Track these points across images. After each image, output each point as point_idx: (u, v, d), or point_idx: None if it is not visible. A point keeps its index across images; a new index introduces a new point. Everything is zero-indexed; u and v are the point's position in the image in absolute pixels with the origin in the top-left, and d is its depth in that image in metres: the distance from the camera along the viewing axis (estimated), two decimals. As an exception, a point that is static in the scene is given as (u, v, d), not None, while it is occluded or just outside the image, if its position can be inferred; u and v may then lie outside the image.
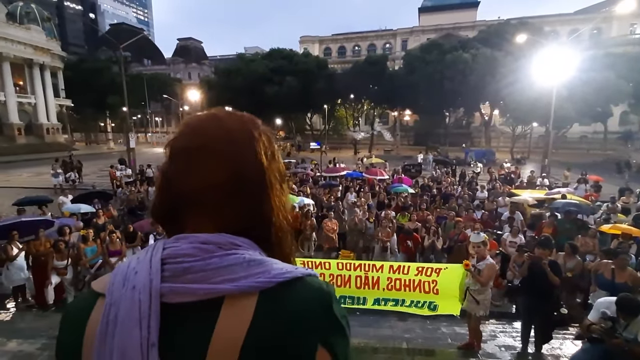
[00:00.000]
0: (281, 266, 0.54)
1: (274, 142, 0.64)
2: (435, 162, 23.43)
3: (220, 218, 0.56)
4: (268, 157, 0.60)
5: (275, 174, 0.61)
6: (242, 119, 0.62)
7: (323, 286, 0.55)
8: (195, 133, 0.59)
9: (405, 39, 59.76)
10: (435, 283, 5.19)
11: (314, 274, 0.57)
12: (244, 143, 0.58)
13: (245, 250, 0.54)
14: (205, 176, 0.55)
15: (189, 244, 0.52)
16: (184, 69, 70.47)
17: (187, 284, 0.49)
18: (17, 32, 40.10)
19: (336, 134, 48.94)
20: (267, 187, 0.58)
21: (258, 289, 0.50)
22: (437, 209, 10.76)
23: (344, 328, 0.54)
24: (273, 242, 0.60)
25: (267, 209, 0.59)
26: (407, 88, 34.85)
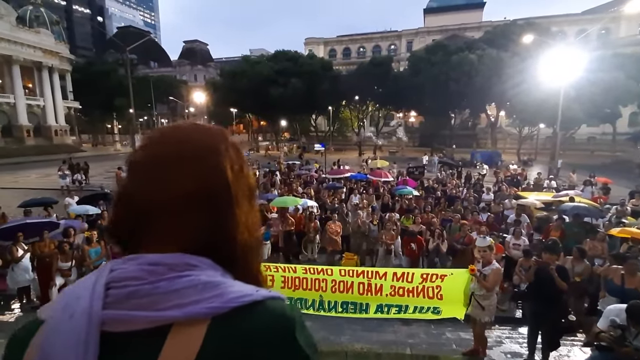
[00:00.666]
0: (240, 289, 0.50)
1: (243, 156, 0.61)
2: (441, 163, 23.26)
3: (179, 236, 0.52)
4: (235, 172, 0.56)
5: (242, 189, 0.57)
6: (208, 131, 0.59)
7: (286, 311, 0.51)
8: (157, 146, 0.55)
9: (410, 40, 59.63)
10: (439, 289, 5.11)
11: (278, 296, 0.53)
12: (208, 157, 0.55)
13: (202, 272, 0.50)
14: (164, 191, 0.51)
15: (137, 265, 0.48)
16: (189, 71, 71.03)
17: (130, 310, 0.45)
18: (27, 35, 40.74)
19: (341, 135, 48.93)
20: (232, 204, 0.55)
21: (209, 315, 0.46)
22: (442, 211, 10.64)
23: (308, 358, 0.50)
24: (238, 262, 0.56)
25: (232, 227, 0.55)
26: (412, 89, 34.70)
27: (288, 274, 5.21)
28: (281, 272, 5.20)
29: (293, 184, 14.36)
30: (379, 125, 45.01)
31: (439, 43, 39.84)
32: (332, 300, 5.23)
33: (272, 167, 19.32)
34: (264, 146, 45.36)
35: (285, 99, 38.40)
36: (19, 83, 39.95)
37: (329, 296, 5.21)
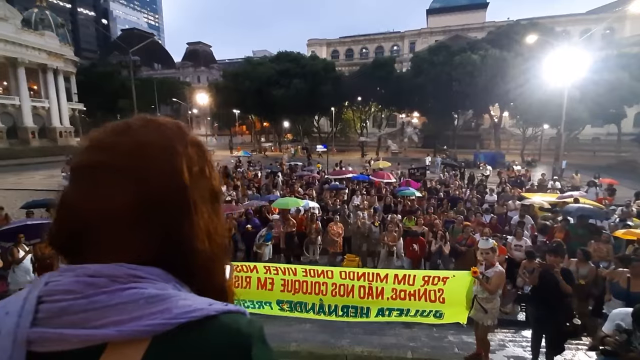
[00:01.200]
0: (190, 303, 0.44)
1: (207, 156, 0.55)
2: (444, 164, 23.14)
3: (126, 246, 0.47)
4: (193, 174, 0.51)
5: (202, 193, 0.52)
6: (161, 128, 0.53)
7: (242, 327, 0.46)
8: (99, 148, 0.50)
9: (413, 41, 59.55)
10: (441, 292, 5.02)
11: (236, 310, 0.48)
12: (159, 158, 0.49)
13: (150, 284, 0.45)
14: (106, 198, 0.46)
15: (74, 277, 0.44)
16: (193, 73, 71.35)
17: (60, 328, 0.40)
18: (32, 38, 41.10)
19: (344, 136, 48.90)
20: (189, 210, 0.50)
21: (149, 334, 0.41)
22: (445, 212, 10.56)
23: None
24: (198, 273, 0.51)
25: (188, 235, 0.50)
26: (415, 90, 34.63)
27: (288, 276, 5.14)
28: (281, 274, 5.14)
29: (295, 185, 14.33)
30: (382, 126, 44.93)
31: (442, 44, 39.75)
32: (332, 304, 5.16)
33: (274, 169, 19.31)
34: (263, 147, 45.37)
35: (287, 100, 38.46)
36: (24, 85, 40.30)
37: (329, 300, 5.14)
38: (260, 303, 5.22)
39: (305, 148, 40.96)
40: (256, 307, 5.22)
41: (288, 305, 5.15)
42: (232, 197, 12.88)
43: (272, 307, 5.20)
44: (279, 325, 6.06)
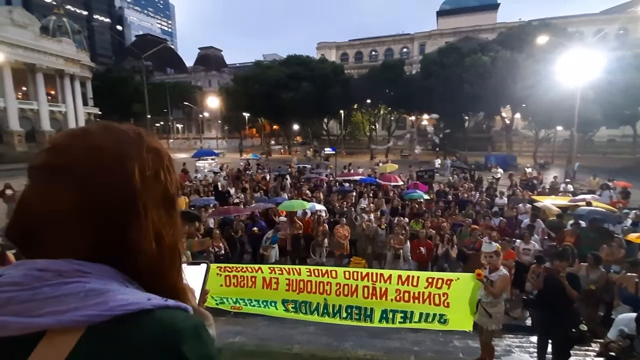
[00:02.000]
0: (128, 297, 0.47)
1: (164, 161, 0.58)
2: (453, 167, 22.89)
3: (75, 244, 0.50)
4: (146, 179, 0.53)
5: (155, 197, 0.54)
6: (117, 134, 0.55)
7: (176, 322, 0.48)
8: (54, 151, 0.52)
9: (423, 42, 59.27)
10: (446, 296, 4.98)
11: (175, 305, 0.50)
12: (109, 162, 0.51)
13: (95, 279, 0.47)
14: (54, 198, 0.49)
15: (24, 270, 0.47)
16: (204, 77, 72.43)
17: (4, 316, 0.43)
18: (50, 44, 42.44)
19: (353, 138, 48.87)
20: (137, 213, 0.52)
21: (84, 324, 0.43)
22: (452, 215, 10.47)
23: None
24: (147, 272, 0.53)
25: (135, 237, 0.52)
26: (424, 92, 34.41)
27: (292, 276, 5.18)
28: (285, 274, 5.19)
29: (303, 187, 14.39)
30: (391, 128, 44.74)
31: (452, 45, 39.43)
32: (337, 304, 5.17)
33: (283, 171, 19.43)
34: (267, 150, 45.60)
35: (296, 103, 38.71)
36: (42, 90, 41.59)
37: (333, 299, 5.16)
38: (266, 302, 5.27)
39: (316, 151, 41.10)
40: (262, 307, 5.27)
41: (293, 305, 5.19)
42: (240, 199, 13.04)
43: (277, 307, 5.24)
44: (284, 328, 6.11)
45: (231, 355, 4.83)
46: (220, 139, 67.17)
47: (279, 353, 4.94)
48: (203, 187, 15.02)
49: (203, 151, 25.69)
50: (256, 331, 6.03)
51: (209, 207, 10.87)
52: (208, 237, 8.33)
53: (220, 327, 6.14)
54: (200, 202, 11.43)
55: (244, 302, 5.17)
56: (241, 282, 5.14)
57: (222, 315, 6.47)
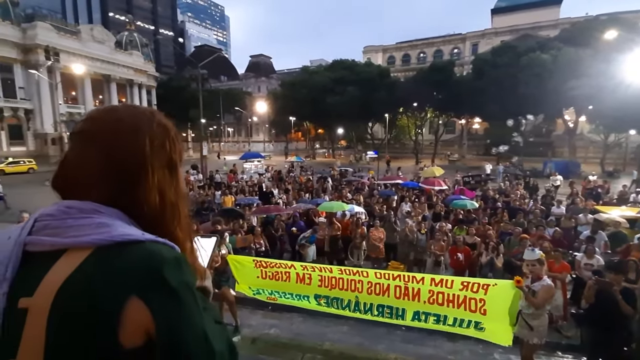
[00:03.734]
0: (127, 231, 0.61)
1: (170, 134, 0.73)
2: (506, 173, 21.44)
3: (97, 192, 0.64)
4: (155, 146, 0.68)
5: (160, 161, 0.69)
6: (136, 111, 0.72)
7: (162, 251, 0.61)
8: (88, 120, 0.69)
9: (475, 42, 56.38)
10: (483, 302, 4.73)
11: (164, 242, 0.63)
12: (127, 132, 0.67)
13: (106, 217, 0.62)
14: (83, 158, 0.65)
15: (57, 207, 0.63)
16: (254, 83, 75.81)
17: (42, 237, 0.60)
18: (122, 57, 47.57)
19: (398, 142, 47.85)
20: (146, 172, 0.66)
21: (94, 245, 0.58)
22: (501, 223, 9.87)
23: (175, 292, 0.59)
24: (150, 219, 0.67)
25: (143, 191, 0.66)
26: (476, 94, 32.68)
27: (325, 273, 5.31)
28: (318, 271, 5.33)
29: (344, 190, 14.49)
30: (439, 132, 43.08)
31: (507, 44, 37.03)
32: (368, 303, 5.18)
33: (325, 174, 19.70)
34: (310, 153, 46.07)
35: (341, 107, 38.92)
36: (115, 98, 46.64)
37: (365, 298, 5.17)
38: (299, 296, 5.44)
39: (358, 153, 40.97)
40: (295, 300, 5.45)
41: (325, 301, 5.30)
42: (283, 200, 13.50)
43: (309, 301, 5.39)
44: (318, 325, 6.25)
45: (265, 345, 5.08)
46: (267, 142, 69.72)
47: (310, 348, 5.09)
48: (248, 187, 15.79)
49: (250, 154, 26.95)
50: (291, 326, 6.25)
51: (253, 206, 11.40)
52: (250, 234, 8.77)
53: (258, 319, 6.49)
54: (245, 201, 12.03)
55: (278, 294, 5.40)
56: (276, 276, 5.37)
57: (260, 308, 6.81)
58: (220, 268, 5.59)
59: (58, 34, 39.24)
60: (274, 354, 4.87)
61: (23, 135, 37.17)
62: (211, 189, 15.79)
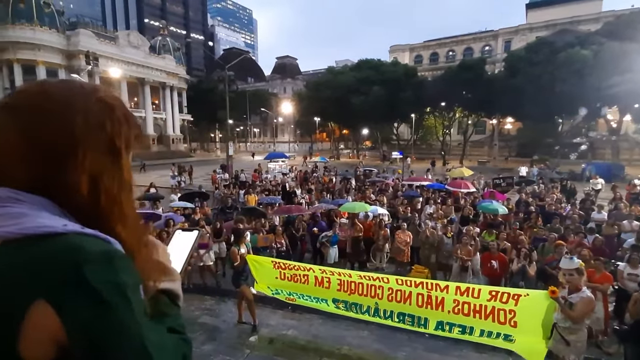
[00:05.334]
0: (45, 221, 0.52)
1: (115, 115, 0.62)
2: (541, 176, 20.28)
3: (15, 177, 0.55)
4: (90, 126, 0.58)
5: (95, 144, 0.59)
6: (71, 85, 0.62)
7: (85, 245, 0.51)
8: (14, 94, 0.60)
9: (508, 39, 53.89)
10: (513, 314, 4.41)
11: (93, 234, 0.54)
12: (55, 108, 0.57)
13: (27, 207, 0.54)
14: (2, 135, 0.56)
15: None
16: (280, 84, 76.76)
17: None
18: (156, 61, 49.74)
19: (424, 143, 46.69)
20: (74, 156, 0.56)
21: (1, 238, 0.50)
22: (534, 228, 9.30)
23: (97, 293, 0.49)
24: (83, 212, 0.58)
25: (70, 177, 0.56)
26: (508, 93, 31.21)
27: (344, 277, 5.17)
28: (337, 276, 5.20)
29: (367, 190, 14.27)
30: (468, 132, 41.57)
31: (543, 40, 35.07)
32: (388, 310, 4.98)
33: (348, 174, 19.54)
34: (334, 154, 45.84)
35: (366, 107, 38.55)
36: (148, 100, 48.87)
37: (385, 304, 4.98)
38: (318, 299, 5.35)
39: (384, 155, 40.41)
40: (313, 302, 5.36)
41: (343, 305, 5.16)
42: (305, 200, 13.49)
43: (328, 304, 5.28)
44: (338, 328, 6.12)
45: (282, 346, 5.02)
46: (292, 142, 70.36)
47: (327, 351, 4.99)
48: (272, 186, 15.94)
49: (274, 154, 27.30)
50: (310, 327, 6.16)
51: (275, 205, 11.46)
52: (271, 233, 8.79)
53: (278, 319, 6.46)
54: (267, 200, 12.12)
55: (297, 296, 5.33)
56: (294, 278, 5.30)
57: (280, 308, 6.78)
58: (239, 267, 5.61)
59: (98, 40, 41.65)
60: (290, 356, 4.81)
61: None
62: (236, 188, 16.08)
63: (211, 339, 5.17)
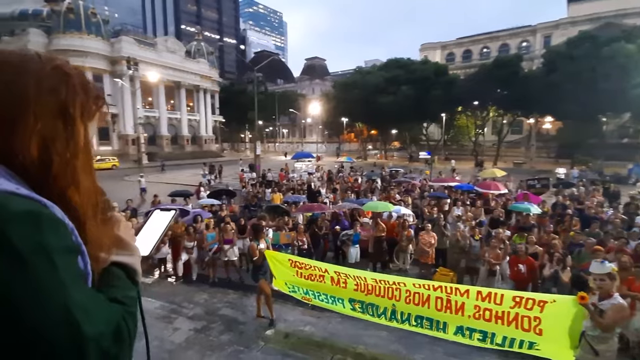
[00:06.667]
0: None
1: (71, 82, 0.64)
2: (581, 178, 18.97)
3: None
4: (42, 90, 0.60)
5: (48, 109, 0.60)
6: (27, 52, 0.64)
7: (10, 204, 0.52)
8: None
9: (547, 34, 50.86)
10: (538, 321, 4.15)
11: (27, 195, 0.55)
12: (8, 71, 0.59)
13: None
14: None
15: None
16: (308, 85, 77.39)
17: None
18: (191, 65, 51.94)
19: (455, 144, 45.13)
20: (26, 117, 0.58)
21: None
22: (570, 232, 8.74)
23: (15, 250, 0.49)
24: (33, 175, 0.59)
25: (20, 141, 0.57)
26: (547, 90, 29.48)
27: (360, 280, 5.11)
28: (352, 279, 5.13)
29: (392, 191, 14.07)
30: (502, 132, 39.70)
31: (585, 34, 32.74)
32: (406, 312, 4.87)
33: (374, 175, 19.35)
34: (361, 154, 45.29)
35: (394, 107, 37.93)
36: (184, 102, 51.12)
37: (402, 306, 4.86)
38: (334, 299, 5.33)
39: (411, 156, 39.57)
40: (329, 303, 5.36)
41: (360, 306, 5.11)
42: (329, 199, 13.53)
43: (344, 305, 5.24)
44: (355, 327, 6.09)
45: (297, 341, 5.08)
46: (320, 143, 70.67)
47: (342, 349, 4.98)
48: (298, 186, 16.14)
49: (301, 153, 27.64)
50: (327, 325, 6.18)
51: (299, 204, 11.59)
52: (294, 231, 8.91)
53: (296, 315, 6.53)
54: (291, 199, 12.29)
55: (313, 295, 5.34)
56: (310, 277, 5.32)
57: (301, 305, 6.85)
58: (258, 262, 5.74)
59: (138, 46, 44.19)
60: (304, 351, 4.86)
61: (109, 136, 42.38)
62: (262, 186, 16.44)
63: (228, 330, 5.34)
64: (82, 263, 0.60)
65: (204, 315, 5.96)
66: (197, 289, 7.61)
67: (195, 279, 8.36)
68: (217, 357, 4.59)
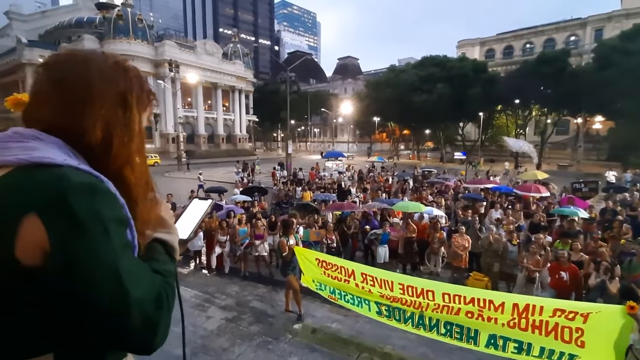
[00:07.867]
0: (52, 155, 0.61)
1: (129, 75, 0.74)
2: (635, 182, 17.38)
3: (43, 120, 0.67)
4: (104, 79, 0.69)
5: (110, 98, 0.70)
6: (94, 52, 0.74)
7: (74, 176, 0.59)
8: (50, 56, 0.73)
9: (599, 27, 46.87)
10: (580, 332, 3.86)
11: (87, 170, 0.63)
12: (78, 62, 0.70)
13: (42, 143, 0.63)
14: (37, 86, 0.69)
15: (8, 132, 0.66)
16: (341, 85, 77.35)
17: None
18: (227, 66, 53.77)
19: (494, 144, 43.03)
20: (91, 102, 0.67)
21: (14, 163, 0.60)
22: (620, 240, 8.08)
23: (76, 217, 0.56)
24: (94, 153, 0.68)
25: (86, 121, 0.66)
26: (598, 88, 27.29)
27: (385, 291, 4.95)
28: (377, 287, 5.01)
29: (424, 192, 13.74)
30: (546, 133, 37.30)
31: (643, 25, 29.88)
32: (434, 318, 4.67)
33: (405, 175, 18.98)
34: (393, 154, 44.29)
35: (428, 106, 36.92)
36: (219, 103, 53.00)
37: (431, 313, 4.69)
38: (360, 300, 5.24)
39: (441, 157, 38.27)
40: (355, 304, 5.28)
41: (386, 309, 4.98)
42: (360, 199, 13.48)
43: (370, 307, 5.10)
44: (384, 328, 6.02)
45: (324, 336, 5.14)
46: (352, 142, 70.36)
47: (368, 348, 4.96)
48: (328, 184, 16.23)
49: (332, 152, 27.68)
50: (355, 324, 6.17)
51: (329, 202, 11.66)
52: (323, 229, 8.99)
53: (324, 312, 6.59)
54: (321, 197, 12.39)
55: (339, 295, 5.31)
56: (337, 279, 5.29)
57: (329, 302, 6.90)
58: (287, 257, 5.87)
59: (179, 50, 46.47)
60: (330, 347, 4.89)
61: (152, 135, 44.97)
62: (293, 184, 16.71)
63: (258, 322, 5.49)
64: (130, 235, 0.67)
65: (235, 306, 6.18)
66: (229, 281, 7.89)
67: (228, 271, 8.68)
68: (247, 346, 4.75)
